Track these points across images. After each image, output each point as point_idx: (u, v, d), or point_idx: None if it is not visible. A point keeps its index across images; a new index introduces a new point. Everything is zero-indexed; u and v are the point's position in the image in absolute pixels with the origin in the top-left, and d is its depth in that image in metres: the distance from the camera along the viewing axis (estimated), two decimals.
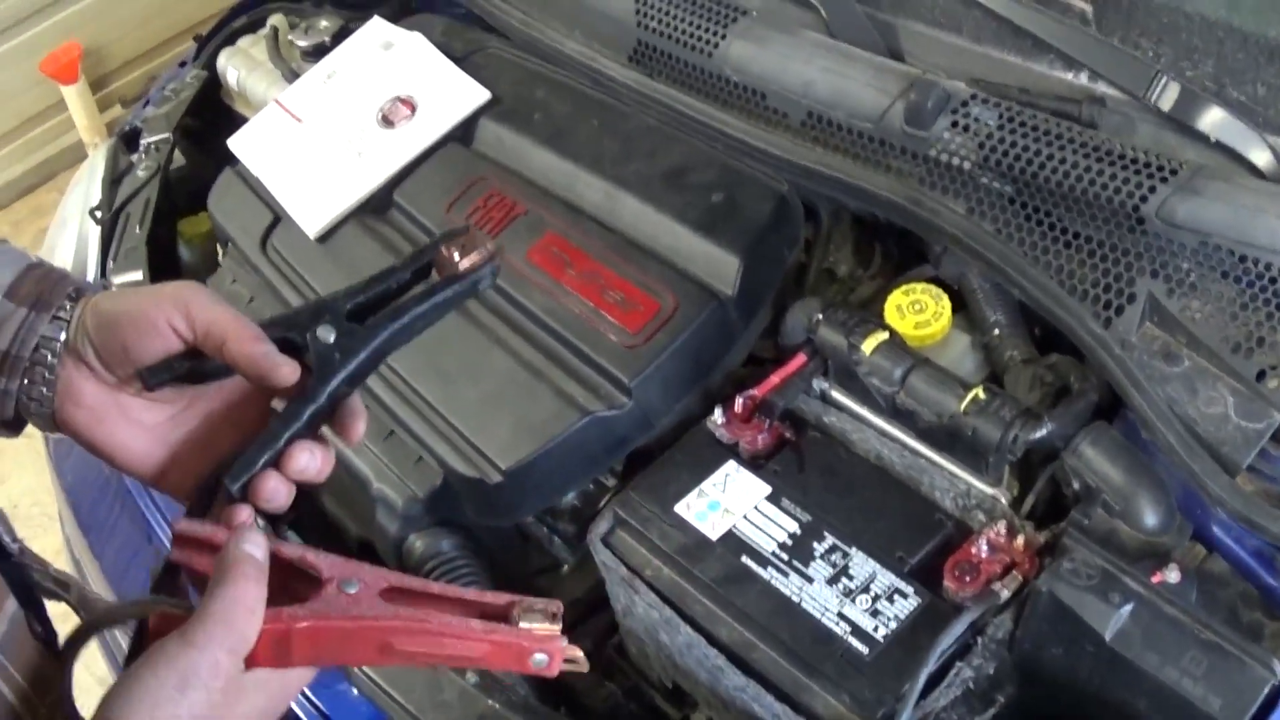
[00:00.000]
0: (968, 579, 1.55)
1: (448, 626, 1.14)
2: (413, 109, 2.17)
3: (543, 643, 1.16)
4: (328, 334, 1.20)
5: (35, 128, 5.13)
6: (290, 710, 1.72)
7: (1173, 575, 1.49)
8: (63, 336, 1.20)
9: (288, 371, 1.20)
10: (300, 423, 1.19)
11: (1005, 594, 1.54)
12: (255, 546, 1.11)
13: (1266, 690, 1.37)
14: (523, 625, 1.16)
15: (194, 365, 1.22)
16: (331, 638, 1.13)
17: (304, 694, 1.73)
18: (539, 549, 1.97)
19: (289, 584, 1.14)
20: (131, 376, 1.21)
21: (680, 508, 1.71)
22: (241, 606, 1.08)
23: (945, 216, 1.77)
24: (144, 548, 2.07)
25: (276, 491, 1.19)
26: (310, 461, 1.20)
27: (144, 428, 1.24)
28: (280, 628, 1.09)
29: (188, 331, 1.20)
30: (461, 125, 2.15)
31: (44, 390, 1.20)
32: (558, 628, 1.17)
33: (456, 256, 1.26)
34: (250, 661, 1.08)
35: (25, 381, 1.21)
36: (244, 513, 1.18)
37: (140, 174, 2.40)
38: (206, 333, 1.20)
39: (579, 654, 1.19)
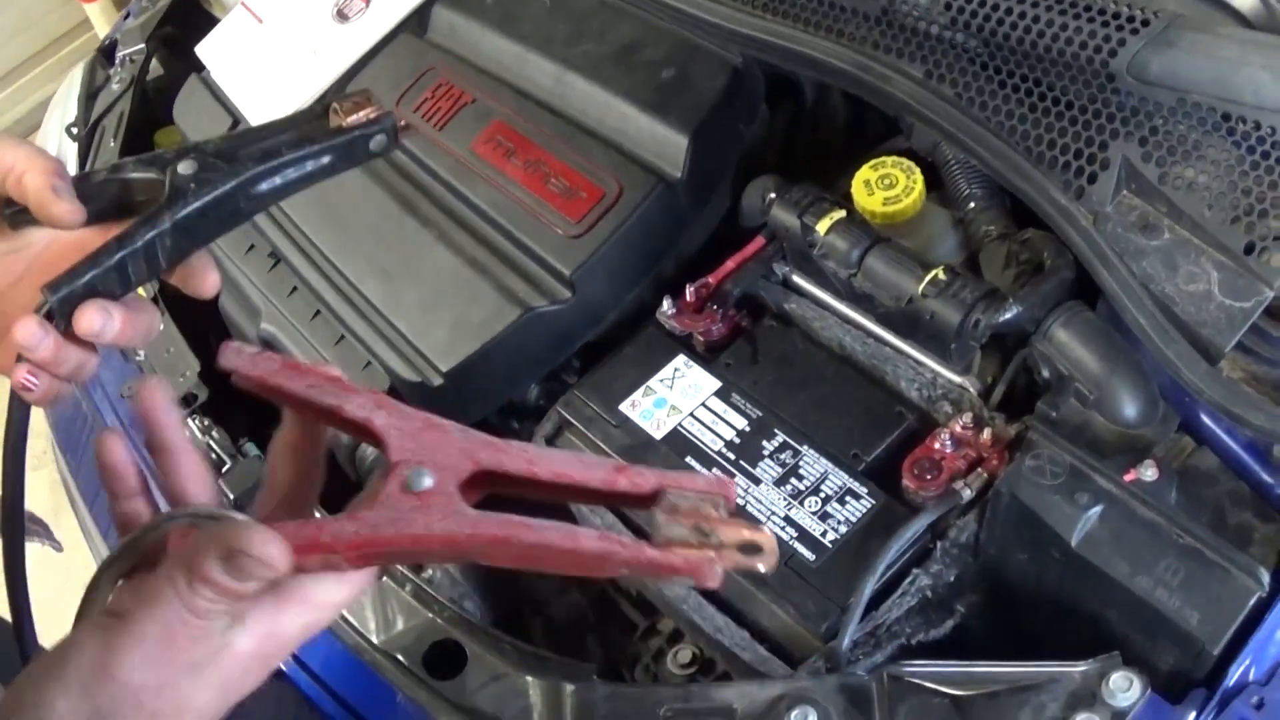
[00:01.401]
0: (929, 477, 1.30)
1: (549, 545, 0.84)
2: (367, 0, 1.90)
3: (694, 571, 0.83)
4: (189, 168, 0.97)
5: (63, 47, 4.77)
6: None
7: (1149, 472, 1.21)
8: None
9: (65, 209, 0.96)
10: (136, 245, 0.94)
11: (969, 494, 1.29)
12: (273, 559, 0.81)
13: (1251, 603, 1.12)
14: (661, 540, 0.84)
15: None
16: (389, 554, 0.85)
17: None
18: None
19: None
20: None
21: (625, 406, 1.47)
22: (179, 624, 0.81)
23: (897, 83, 1.46)
24: None
25: (94, 320, 0.93)
26: (97, 321, 0.94)
27: None
28: (325, 544, 0.83)
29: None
30: (415, 14, 1.89)
31: None
32: (711, 549, 0.83)
33: (343, 118, 1.02)
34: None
35: None
36: None
37: (115, 88, 2.16)
38: (10, 169, 0.96)
39: (754, 538, 0.84)
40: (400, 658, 1.35)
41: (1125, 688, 1.08)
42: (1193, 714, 1.09)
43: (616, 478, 0.87)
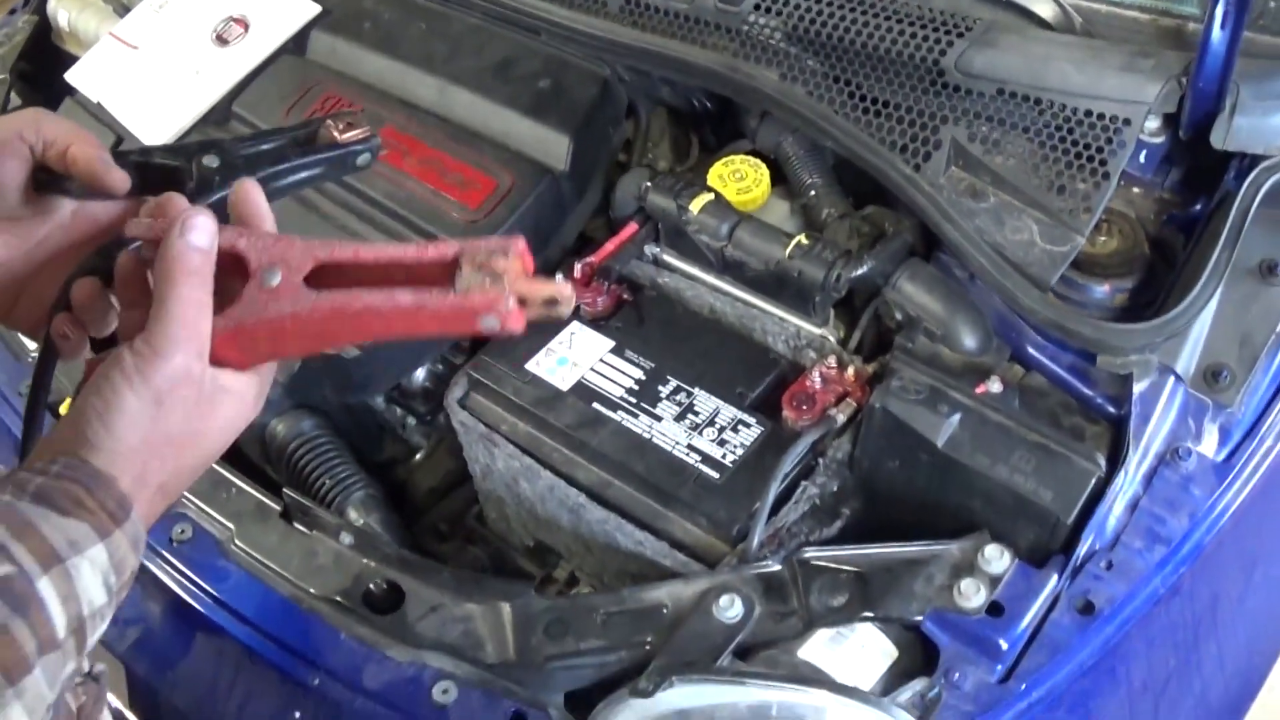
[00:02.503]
0: (804, 408, 1.47)
1: (374, 308, 1.00)
2: (245, 27, 2.01)
3: (486, 307, 0.98)
4: (212, 161, 1.11)
5: None
6: (174, 594, 1.55)
7: (995, 386, 1.42)
8: None
9: (119, 177, 1.08)
10: None
11: (841, 418, 1.47)
12: (200, 233, 0.99)
13: (1093, 482, 1.32)
14: (460, 288, 0.99)
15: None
16: (257, 340, 1.01)
17: (187, 575, 1.55)
18: (393, 436, 1.83)
19: (219, 274, 1.00)
20: None
21: (531, 365, 1.61)
22: (192, 307, 0.96)
23: (762, 80, 1.66)
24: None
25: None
26: None
27: None
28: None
29: (39, 143, 1.08)
30: (294, 39, 2.00)
31: None
32: (498, 287, 0.98)
33: (338, 134, 1.16)
34: None
35: None
36: (181, 202, 1.05)
37: None
38: (53, 142, 1.08)
39: (552, 290, 1.00)
40: (340, 599, 1.43)
41: (998, 556, 1.28)
42: (1055, 576, 1.28)
43: (425, 249, 1.02)
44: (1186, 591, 1.35)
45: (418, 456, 1.83)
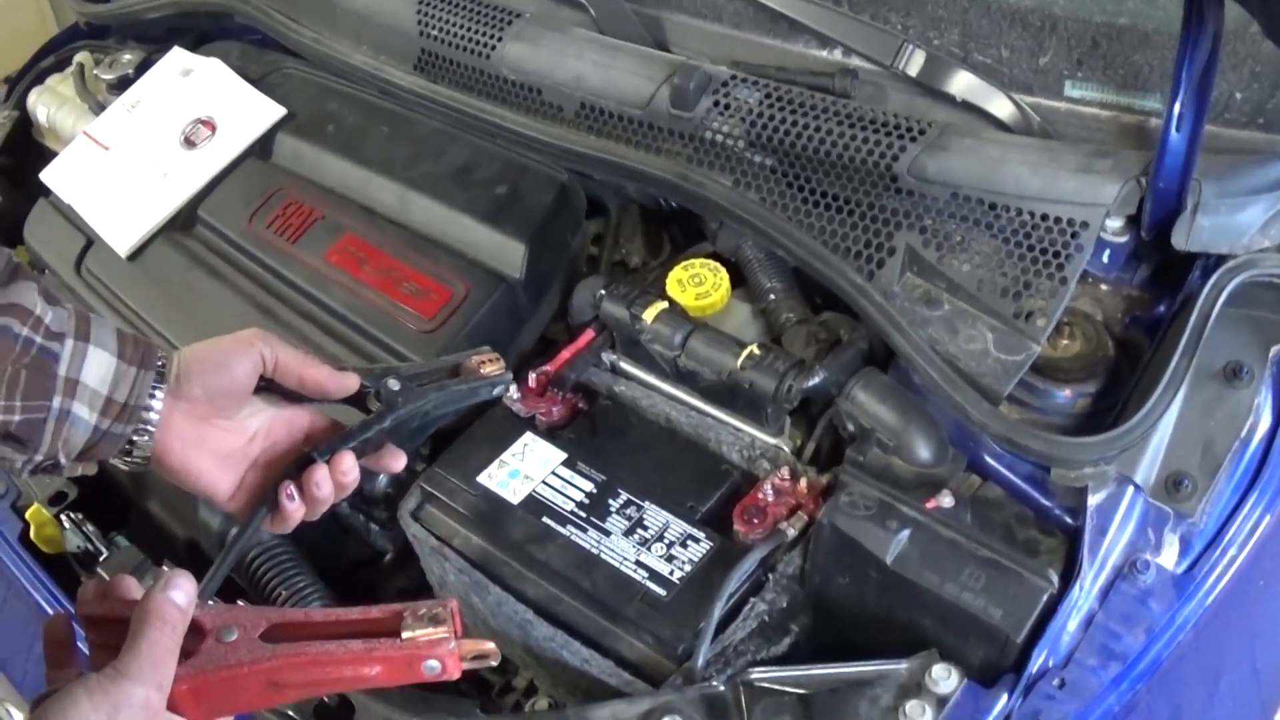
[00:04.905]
0: (755, 521, 1.44)
1: (326, 654, 1.09)
2: (213, 129, 2.01)
3: (430, 649, 1.10)
4: (394, 384, 1.34)
5: None
6: None
7: (946, 500, 1.38)
8: (163, 388, 1.23)
9: (352, 381, 1.32)
10: (370, 433, 1.30)
11: (792, 532, 1.43)
12: (179, 592, 1.08)
13: (1044, 599, 1.28)
14: (406, 635, 1.10)
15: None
16: (216, 691, 1.08)
17: None
18: (358, 540, 1.80)
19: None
20: (226, 405, 1.28)
21: (483, 478, 1.57)
22: (161, 649, 1.04)
23: (712, 189, 1.64)
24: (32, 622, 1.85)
25: (350, 469, 1.29)
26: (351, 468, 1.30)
27: (219, 456, 1.29)
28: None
29: (271, 361, 1.28)
30: (260, 141, 2.00)
31: (148, 429, 1.22)
32: (443, 630, 1.10)
33: (480, 366, 1.38)
34: None
35: (134, 425, 1.23)
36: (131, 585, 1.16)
37: None
38: (287, 367, 1.29)
39: (484, 647, 1.13)
40: (292, 713, 1.43)
41: (945, 677, 1.24)
42: (1004, 696, 1.24)
43: (370, 610, 1.13)
44: (1144, 708, 1.30)
45: (388, 558, 1.79)
